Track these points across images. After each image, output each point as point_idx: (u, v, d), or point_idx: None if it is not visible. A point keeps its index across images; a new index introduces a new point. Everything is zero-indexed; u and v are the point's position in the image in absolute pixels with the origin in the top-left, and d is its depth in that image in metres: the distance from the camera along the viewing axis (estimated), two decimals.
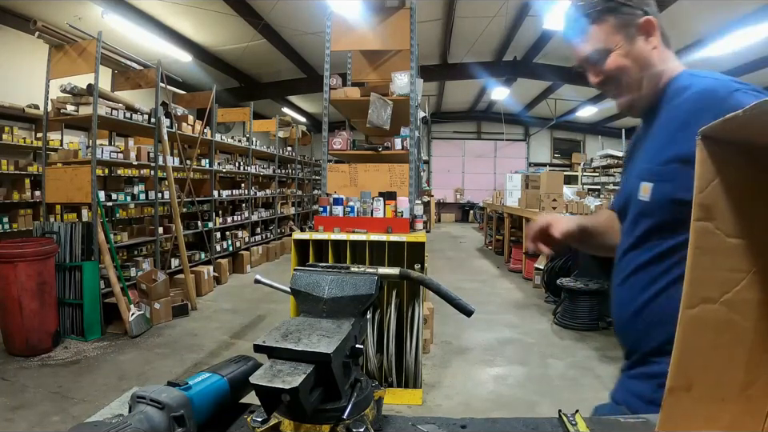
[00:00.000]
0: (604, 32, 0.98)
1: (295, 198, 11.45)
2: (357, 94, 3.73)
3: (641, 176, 0.97)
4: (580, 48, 1.02)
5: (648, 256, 0.96)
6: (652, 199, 0.93)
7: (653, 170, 0.94)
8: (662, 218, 0.92)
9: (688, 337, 0.58)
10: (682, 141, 0.89)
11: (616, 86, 1.02)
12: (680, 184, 0.87)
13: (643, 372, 0.99)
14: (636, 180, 0.98)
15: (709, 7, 6.62)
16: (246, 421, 0.75)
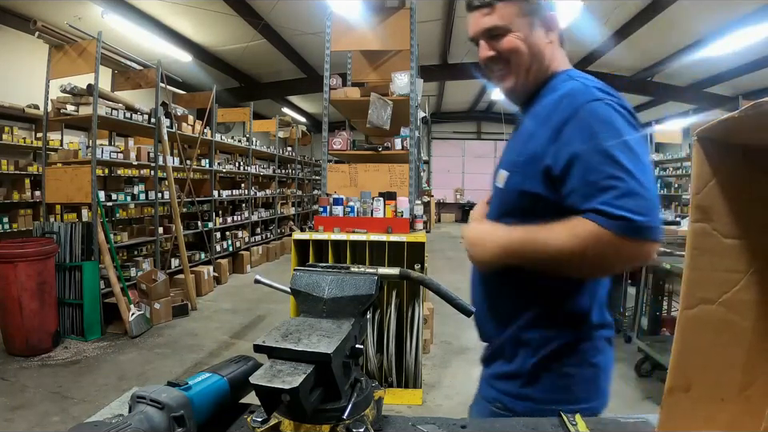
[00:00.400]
0: (510, 12, 0.99)
1: (295, 198, 11.45)
2: (357, 94, 3.73)
3: (503, 164, 1.03)
4: (481, 20, 1.01)
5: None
6: (505, 188, 0.99)
7: (514, 161, 1.00)
8: (512, 206, 0.99)
9: (687, 337, 0.58)
10: (538, 137, 0.93)
11: (504, 66, 1.03)
12: (527, 176, 0.93)
13: (506, 372, 1.04)
14: (499, 168, 1.04)
15: (709, 7, 6.62)
16: (246, 421, 0.75)
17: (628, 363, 3.73)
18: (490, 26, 1.00)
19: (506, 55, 1.01)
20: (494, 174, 1.09)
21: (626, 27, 7.66)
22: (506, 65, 1.03)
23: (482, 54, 1.02)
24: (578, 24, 6.73)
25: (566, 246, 0.85)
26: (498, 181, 1.03)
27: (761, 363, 0.55)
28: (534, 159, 0.93)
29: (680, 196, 9.75)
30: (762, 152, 0.52)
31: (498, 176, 1.04)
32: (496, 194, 1.05)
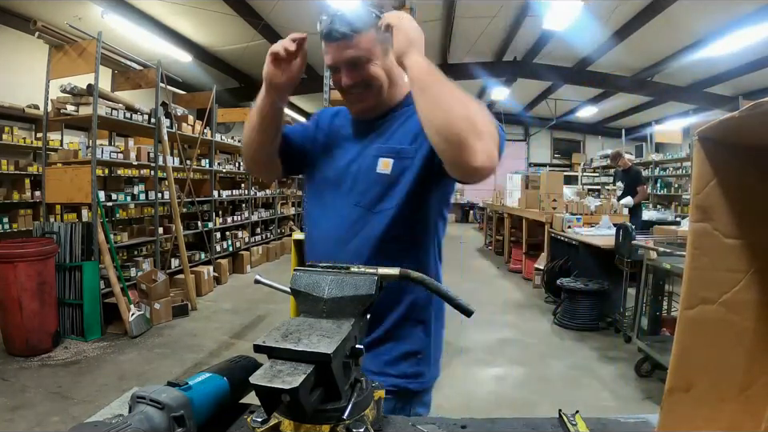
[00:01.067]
0: (367, 41, 1.08)
1: (295, 198, 11.45)
2: None
3: (379, 154, 1.14)
4: (343, 52, 1.10)
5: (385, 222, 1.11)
6: (392, 172, 1.12)
7: (397, 150, 1.14)
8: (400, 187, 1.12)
9: (687, 337, 0.58)
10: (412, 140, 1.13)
11: (363, 90, 1.13)
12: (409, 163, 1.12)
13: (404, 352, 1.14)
14: (373, 158, 1.14)
15: (709, 7, 6.62)
16: (246, 421, 0.75)
17: (628, 363, 3.73)
18: (352, 57, 1.10)
19: (369, 82, 1.12)
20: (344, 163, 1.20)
21: (625, 27, 7.66)
22: (366, 88, 1.13)
23: (344, 82, 1.13)
24: (578, 24, 6.73)
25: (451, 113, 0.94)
26: (382, 168, 1.14)
27: (761, 363, 0.55)
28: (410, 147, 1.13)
29: (680, 196, 9.75)
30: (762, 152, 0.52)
31: (379, 164, 1.14)
32: (374, 180, 1.14)
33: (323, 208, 1.20)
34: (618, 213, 6.15)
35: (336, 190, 1.18)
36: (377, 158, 1.14)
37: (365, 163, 1.15)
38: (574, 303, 4.67)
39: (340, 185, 1.18)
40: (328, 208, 1.18)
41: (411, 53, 1.00)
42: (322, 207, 1.20)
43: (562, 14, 6.28)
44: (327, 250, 1.14)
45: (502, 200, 8.97)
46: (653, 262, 3.63)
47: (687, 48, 8.06)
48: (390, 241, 1.11)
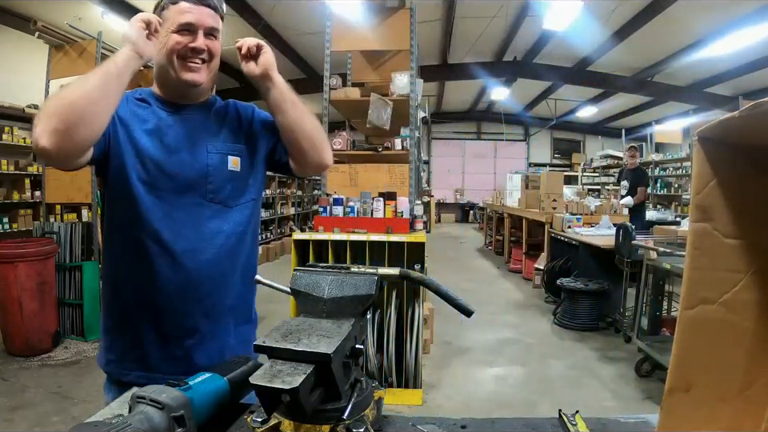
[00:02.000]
0: (220, 25, 1.18)
1: (295, 198, 11.45)
2: (357, 95, 3.72)
3: (227, 152, 1.19)
4: (209, 18, 1.14)
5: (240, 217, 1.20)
6: (242, 168, 1.21)
7: (237, 149, 1.21)
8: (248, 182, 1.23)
9: (687, 337, 0.58)
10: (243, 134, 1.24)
11: (205, 63, 1.16)
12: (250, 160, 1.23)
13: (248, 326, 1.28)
14: (221, 155, 1.18)
15: (709, 7, 6.62)
16: (246, 421, 0.75)
17: (628, 363, 3.73)
18: (214, 26, 1.15)
19: (212, 54, 1.16)
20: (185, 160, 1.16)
21: (626, 27, 7.66)
22: (208, 62, 1.17)
23: (198, 44, 1.12)
24: (578, 24, 6.73)
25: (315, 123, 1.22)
26: (232, 165, 1.19)
27: (761, 364, 0.55)
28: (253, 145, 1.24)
29: (680, 196, 9.74)
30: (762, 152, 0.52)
31: (229, 162, 1.19)
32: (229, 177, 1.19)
33: (167, 204, 1.12)
34: (618, 213, 6.14)
35: (182, 186, 1.14)
36: (225, 155, 1.18)
37: (213, 160, 1.17)
38: (574, 303, 4.67)
39: (188, 180, 1.14)
40: (175, 205, 1.13)
41: (275, 69, 1.20)
42: (163, 202, 1.12)
43: (562, 13, 6.28)
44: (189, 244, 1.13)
45: (502, 200, 8.97)
46: (653, 262, 3.63)
47: (687, 48, 8.06)
48: (240, 234, 1.20)
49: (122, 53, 1.04)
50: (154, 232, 1.10)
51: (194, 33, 1.12)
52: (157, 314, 1.13)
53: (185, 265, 1.12)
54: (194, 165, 1.15)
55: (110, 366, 1.17)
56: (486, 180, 17.66)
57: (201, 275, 1.13)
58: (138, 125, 1.15)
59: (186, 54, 1.12)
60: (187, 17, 1.11)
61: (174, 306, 1.13)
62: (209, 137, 1.18)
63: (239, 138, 1.23)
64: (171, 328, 1.14)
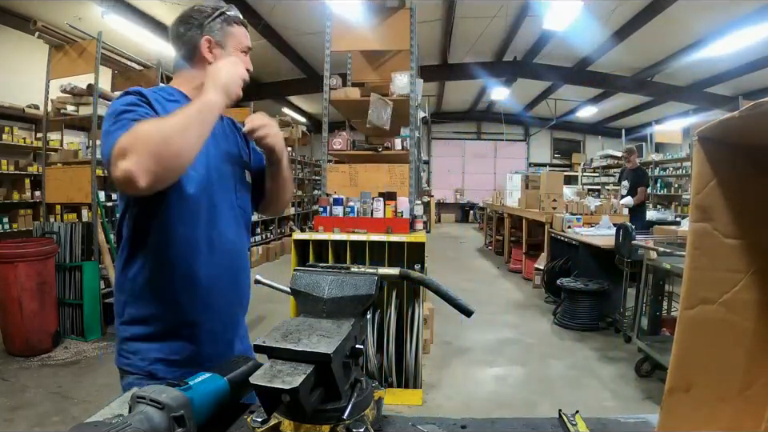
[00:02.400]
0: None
1: (295, 198, 11.45)
2: (357, 95, 3.72)
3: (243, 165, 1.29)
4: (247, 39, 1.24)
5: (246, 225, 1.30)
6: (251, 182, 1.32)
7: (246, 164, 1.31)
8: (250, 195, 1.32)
9: (687, 337, 0.58)
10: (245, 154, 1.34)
11: None
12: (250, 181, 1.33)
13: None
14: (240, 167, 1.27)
15: (709, 7, 6.62)
16: (246, 421, 0.75)
17: (628, 363, 3.73)
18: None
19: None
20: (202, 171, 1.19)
21: (626, 27, 7.66)
22: None
23: (249, 66, 1.20)
24: (578, 24, 6.73)
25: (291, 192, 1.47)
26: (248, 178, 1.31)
27: (761, 364, 0.55)
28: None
29: (680, 196, 9.75)
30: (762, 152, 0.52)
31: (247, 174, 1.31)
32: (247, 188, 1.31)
33: (213, 205, 1.17)
34: (618, 213, 6.15)
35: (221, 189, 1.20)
36: (243, 169, 1.29)
37: (237, 169, 1.26)
38: (574, 303, 4.67)
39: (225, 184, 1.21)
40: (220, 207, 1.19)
41: (285, 152, 1.30)
42: (211, 204, 1.16)
43: (562, 13, 6.28)
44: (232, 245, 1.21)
45: (502, 200, 8.97)
46: (653, 261, 3.63)
47: (687, 48, 8.06)
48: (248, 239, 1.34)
49: (219, 102, 1.06)
50: (207, 231, 1.15)
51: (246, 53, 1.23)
52: (209, 311, 1.17)
53: (230, 262, 1.20)
54: (226, 170, 1.22)
55: (159, 365, 1.15)
56: (485, 180, 17.67)
57: (239, 274, 1.23)
58: None
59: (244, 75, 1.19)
60: (249, 41, 1.24)
61: (222, 303, 1.19)
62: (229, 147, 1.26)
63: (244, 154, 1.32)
64: (221, 325, 1.20)
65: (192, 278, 1.14)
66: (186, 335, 1.15)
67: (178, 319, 1.15)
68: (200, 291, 1.14)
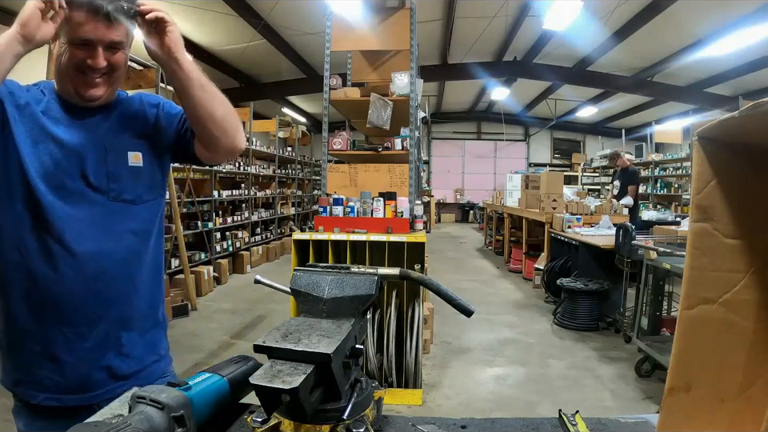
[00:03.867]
0: (125, 31, 1.04)
1: (295, 198, 11.46)
2: (357, 95, 3.73)
3: (128, 148, 1.15)
4: (107, 31, 1.01)
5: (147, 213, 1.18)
6: (144, 163, 1.16)
7: (137, 144, 1.16)
8: (153, 178, 1.19)
9: (687, 337, 0.58)
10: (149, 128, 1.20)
11: (107, 76, 1.07)
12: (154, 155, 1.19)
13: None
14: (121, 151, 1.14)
15: (708, 7, 6.62)
16: (246, 421, 0.75)
17: (628, 363, 3.73)
18: (115, 40, 1.03)
19: (115, 67, 1.07)
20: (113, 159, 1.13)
21: (626, 27, 7.66)
22: (110, 74, 1.08)
23: (98, 63, 1.03)
24: (578, 24, 6.74)
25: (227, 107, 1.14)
26: (133, 161, 1.15)
27: (761, 364, 0.55)
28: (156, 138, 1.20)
29: (680, 196, 9.75)
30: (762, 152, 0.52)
31: (129, 157, 1.15)
32: (133, 173, 1.15)
33: (70, 204, 1.06)
34: (617, 213, 6.15)
35: (84, 185, 1.08)
36: (125, 151, 1.14)
37: (113, 157, 1.11)
38: (574, 303, 4.67)
39: (89, 179, 1.08)
40: (79, 205, 1.07)
41: (182, 49, 1.06)
42: (66, 202, 1.05)
43: (562, 14, 6.28)
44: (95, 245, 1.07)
45: (502, 200, 8.97)
46: (653, 261, 3.63)
47: (687, 48, 8.06)
48: (147, 232, 1.19)
49: (5, 34, 0.91)
50: (58, 233, 1.03)
51: (93, 48, 1.01)
52: (65, 323, 1.05)
53: (91, 267, 1.06)
54: (95, 165, 1.09)
55: (20, 388, 1.08)
56: (485, 180, 17.68)
57: (109, 278, 1.08)
58: (36, 118, 1.06)
59: (84, 69, 1.03)
60: (84, 31, 0.99)
61: (82, 312, 1.06)
62: (109, 136, 1.13)
63: (142, 133, 1.17)
64: (84, 338, 1.07)
65: (27, 294, 1.04)
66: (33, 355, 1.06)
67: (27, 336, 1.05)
68: (37, 307, 1.04)
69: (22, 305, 1.05)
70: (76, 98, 1.08)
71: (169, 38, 1.02)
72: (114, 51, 1.04)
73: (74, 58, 1.01)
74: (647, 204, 9.73)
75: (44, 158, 1.04)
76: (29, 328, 1.06)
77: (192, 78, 1.07)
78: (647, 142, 11.64)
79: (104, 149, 1.11)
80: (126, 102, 1.21)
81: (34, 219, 1.03)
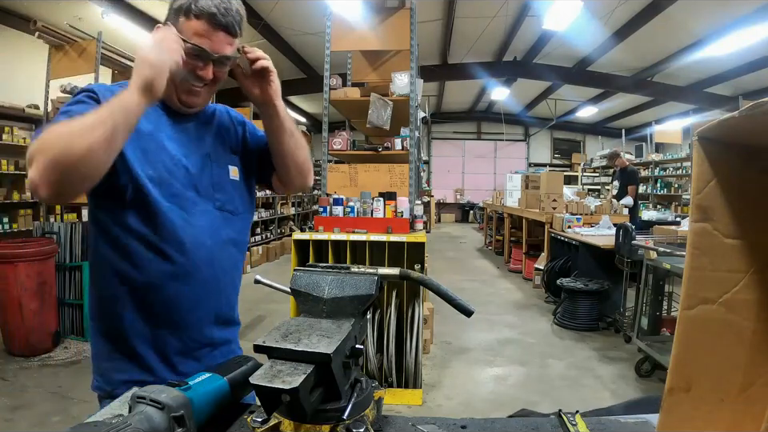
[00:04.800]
0: (236, 48, 1.07)
1: (295, 198, 11.46)
2: (357, 94, 3.73)
3: (228, 162, 1.18)
4: (226, 46, 1.03)
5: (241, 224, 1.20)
6: (240, 178, 1.20)
7: (233, 159, 1.20)
8: (246, 194, 1.22)
9: (687, 337, 0.58)
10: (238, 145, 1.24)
11: (209, 87, 1.10)
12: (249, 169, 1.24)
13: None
14: (223, 164, 1.17)
15: (708, 7, 6.62)
16: (246, 421, 0.75)
17: (628, 363, 3.73)
18: (227, 55, 1.05)
19: (216, 81, 1.10)
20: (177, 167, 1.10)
21: (626, 27, 7.66)
22: (208, 86, 1.09)
23: (207, 75, 1.05)
24: (578, 24, 6.74)
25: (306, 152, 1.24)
26: (232, 175, 1.19)
27: (761, 364, 0.55)
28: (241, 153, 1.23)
29: (680, 196, 9.75)
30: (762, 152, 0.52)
31: (230, 171, 1.18)
32: (231, 187, 1.17)
33: (185, 211, 1.06)
34: (617, 213, 6.15)
35: (194, 193, 1.09)
36: (226, 165, 1.17)
37: (216, 168, 1.15)
38: (574, 303, 4.67)
39: (198, 188, 1.10)
40: (192, 211, 1.07)
41: (280, 96, 1.14)
42: (182, 210, 1.06)
43: (562, 13, 6.28)
44: (208, 253, 1.08)
45: (502, 200, 8.97)
46: (653, 261, 3.63)
47: (687, 48, 8.06)
48: (243, 243, 1.22)
49: (136, 101, 0.90)
50: (176, 241, 1.03)
51: (204, 59, 1.03)
52: (176, 328, 1.07)
53: (203, 274, 1.07)
54: (201, 173, 1.11)
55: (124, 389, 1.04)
56: (485, 180, 17.67)
57: (217, 285, 1.11)
58: (143, 125, 1.03)
59: (191, 78, 1.05)
60: (202, 42, 1.01)
61: (192, 318, 1.08)
62: (211, 145, 1.16)
63: (234, 149, 1.22)
64: (190, 341, 1.09)
65: (147, 291, 1.04)
66: (145, 354, 1.07)
67: (133, 336, 1.06)
68: (158, 305, 1.05)
69: (136, 312, 1.05)
70: (177, 103, 1.10)
71: (271, 87, 1.11)
72: (221, 66, 1.07)
73: (186, 66, 1.01)
74: (647, 204, 9.73)
75: (157, 164, 1.05)
76: (143, 334, 1.07)
77: (285, 126, 1.15)
78: (647, 142, 11.63)
79: (208, 157, 1.14)
80: (217, 113, 1.23)
81: (149, 226, 1.02)
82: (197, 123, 1.16)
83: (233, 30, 1.04)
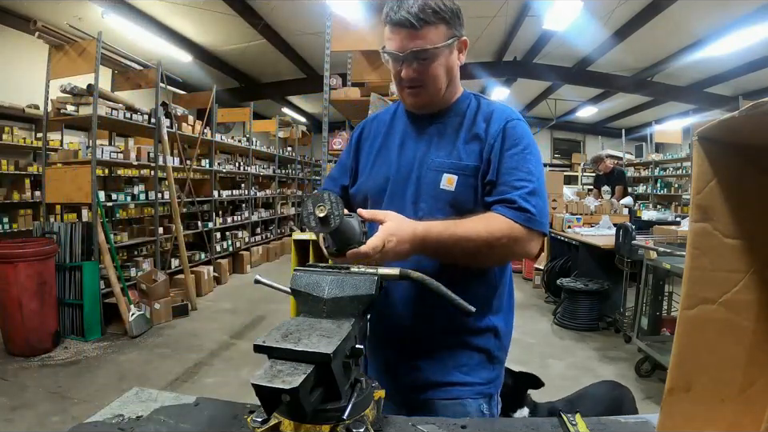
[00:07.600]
0: (438, 36, 1.01)
1: (295, 198, 11.46)
2: (357, 94, 3.73)
3: (444, 169, 1.07)
4: (410, 42, 1.00)
5: None
6: (456, 189, 1.06)
7: (459, 166, 1.07)
8: (464, 205, 1.06)
9: (687, 337, 0.58)
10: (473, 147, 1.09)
11: (420, 86, 1.06)
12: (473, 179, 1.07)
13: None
14: (432, 172, 1.08)
15: (708, 7, 6.62)
16: (246, 421, 0.75)
17: (628, 363, 3.73)
18: (419, 50, 1.01)
19: (424, 80, 1.05)
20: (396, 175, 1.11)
21: (625, 27, 7.66)
22: (423, 85, 1.06)
23: (405, 74, 1.04)
24: (577, 24, 6.73)
25: (481, 236, 0.96)
26: (446, 184, 1.07)
27: (761, 364, 0.55)
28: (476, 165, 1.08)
29: (680, 196, 9.75)
30: (762, 152, 0.52)
31: (443, 180, 1.07)
32: (443, 199, 1.07)
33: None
34: (617, 213, 6.15)
35: (397, 196, 1.10)
36: (440, 172, 1.07)
37: (428, 176, 1.08)
38: (574, 303, 4.67)
39: (402, 191, 1.09)
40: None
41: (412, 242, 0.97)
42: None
43: (562, 13, 6.27)
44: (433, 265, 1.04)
45: None
46: (653, 261, 3.63)
47: (687, 48, 8.05)
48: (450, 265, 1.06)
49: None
50: None
51: (396, 60, 1.04)
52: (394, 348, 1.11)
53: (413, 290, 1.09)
54: (408, 178, 1.09)
55: None
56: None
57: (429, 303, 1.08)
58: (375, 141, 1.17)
59: (400, 80, 1.06)
60: (389, 45, 1.03)
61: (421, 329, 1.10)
62: (427, 151, 1.10)
63: (470, 156, 1.08)
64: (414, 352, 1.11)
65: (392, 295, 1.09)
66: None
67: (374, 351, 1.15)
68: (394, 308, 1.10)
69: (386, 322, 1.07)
70: (408, 108, 1.13)
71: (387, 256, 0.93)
72: (422, 61, 1.02)
73: (392, 70, 1.07)
74: (647, 204, 9.72)
75: (377, 176, 1.12)
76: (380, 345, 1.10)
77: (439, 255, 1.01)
78: (647, 142, 11.63)
79: (420, 164, 1.10)
80: (472, 110, 1.14)
81: None
82: (436, 124, 1.14)
83: (407, 24, 0.99)
